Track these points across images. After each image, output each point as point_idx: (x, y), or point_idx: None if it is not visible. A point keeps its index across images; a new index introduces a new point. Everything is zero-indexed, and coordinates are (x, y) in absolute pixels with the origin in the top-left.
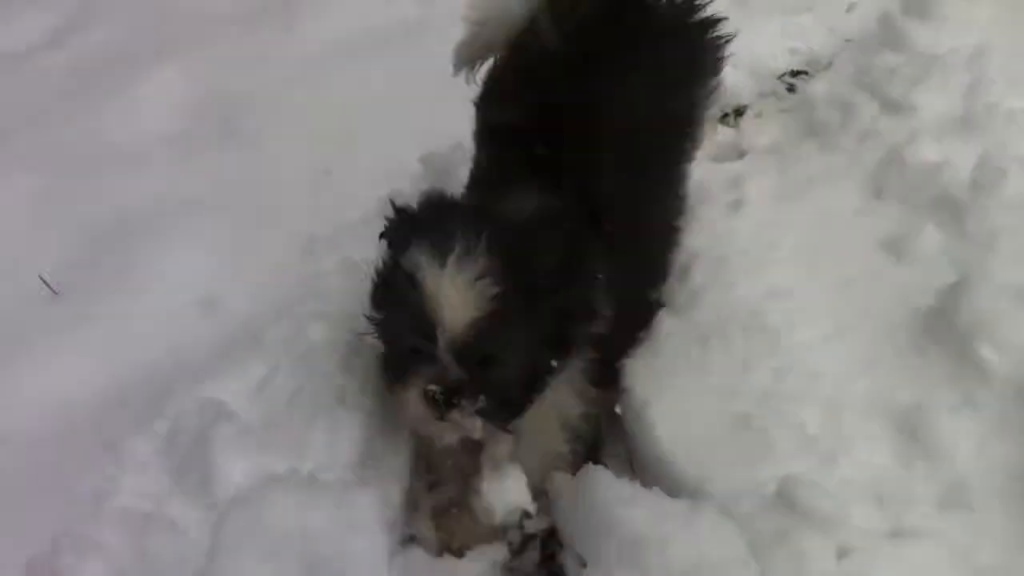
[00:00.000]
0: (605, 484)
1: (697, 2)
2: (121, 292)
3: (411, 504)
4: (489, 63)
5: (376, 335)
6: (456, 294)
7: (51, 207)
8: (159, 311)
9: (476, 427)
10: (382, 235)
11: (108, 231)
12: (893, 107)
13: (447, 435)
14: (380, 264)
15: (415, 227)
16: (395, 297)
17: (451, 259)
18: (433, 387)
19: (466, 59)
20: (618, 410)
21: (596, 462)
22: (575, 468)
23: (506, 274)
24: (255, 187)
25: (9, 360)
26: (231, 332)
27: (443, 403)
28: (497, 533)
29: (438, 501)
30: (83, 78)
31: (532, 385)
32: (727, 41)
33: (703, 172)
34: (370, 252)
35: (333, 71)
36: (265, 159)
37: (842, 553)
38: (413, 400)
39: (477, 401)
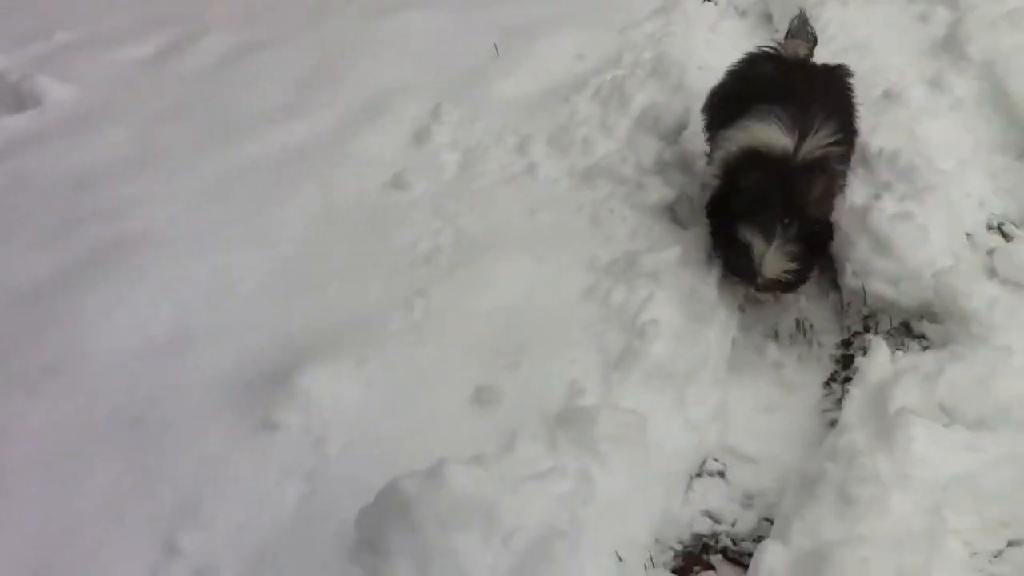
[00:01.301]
0: None
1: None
2: (530, 59)
3: None
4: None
5: (716, 250)
6: (773, 264)
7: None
8: (550, 67)
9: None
10: (718, 202)
11: (510, 32)
12: None
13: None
14: (717, 223)
15: (745, 207)
16: (734, 245)
17: (774, 245)
18: (757, 288)
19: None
20: None
21: None
22: None
23: (800, 251)
24: None
25: (487, 73)
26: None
27: (758, 290)
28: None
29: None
30: None
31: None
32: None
33: None
34: None
35: None
36: None
37: None
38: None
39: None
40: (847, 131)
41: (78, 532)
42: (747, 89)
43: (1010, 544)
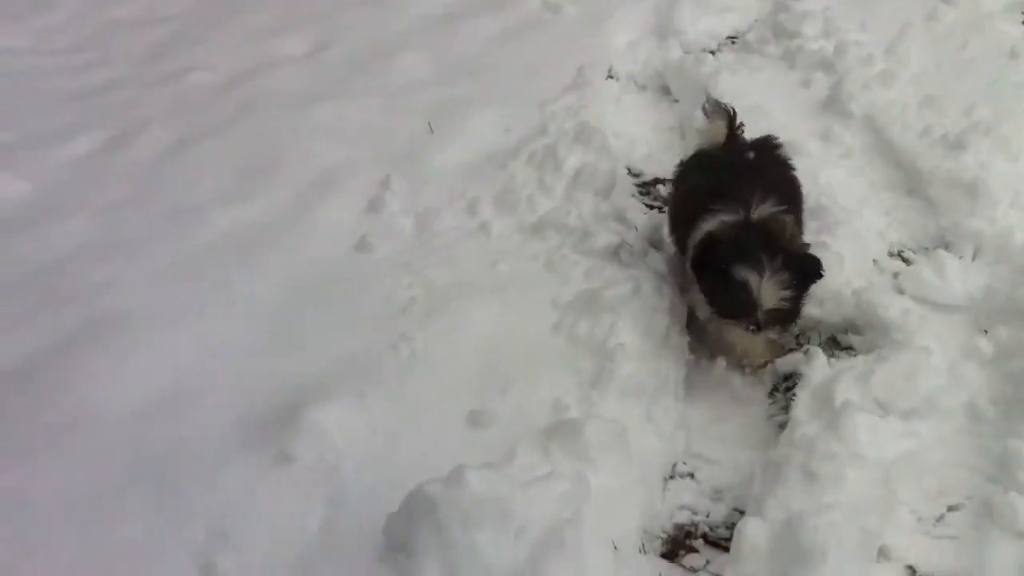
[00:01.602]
0: None
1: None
2: (462, 134)
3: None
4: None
5: (711, 303)
6: (770, 293)
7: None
8: (482, 139)
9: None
10: (706, 258)
11: (437, 112)
12: None
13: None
14: (711, 271)
15: (732, 253)
16: (730, 288)
17: (766, 275)
18: (753, 327)
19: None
20: None
21: None
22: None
23: (791, 279)
24: None
25: (424, 149)
26: None
27: (756, 331)
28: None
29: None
30: None
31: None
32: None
33: None
34: None
35: None
36: None
37: None
38: (739, 329)
39: (772, 331)
40: (791, 202)
41: (118, 564)
42: (692, 199)
43: (949, 509)
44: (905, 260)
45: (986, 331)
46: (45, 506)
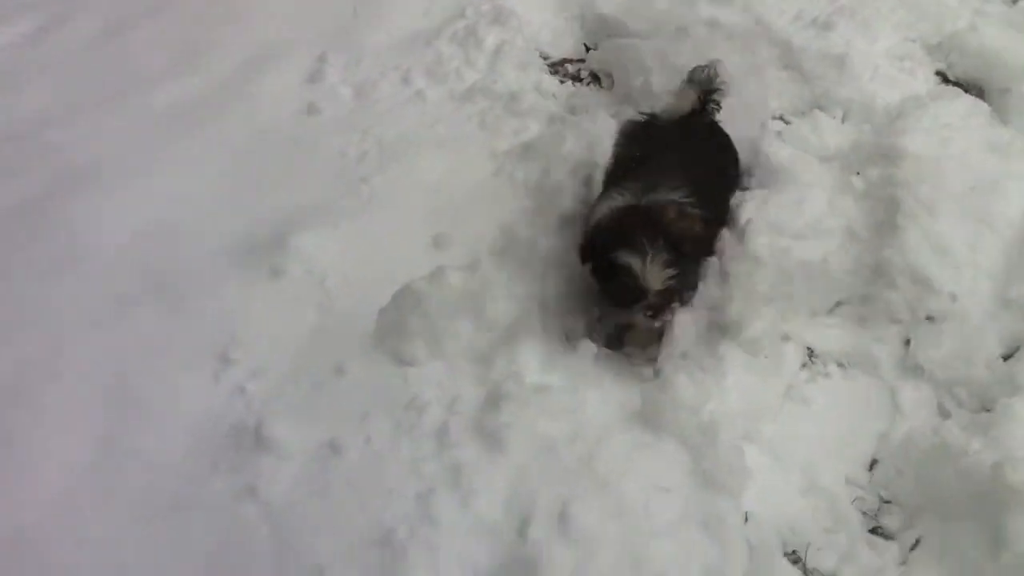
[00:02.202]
0: None
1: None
2: (384, 19)
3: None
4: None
5: (608, 297)
6: (654, 274)
7: None
8: (404, 22)
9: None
10: (592, 246)
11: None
12: None
13: (648, 324)
14: (597, 257)
15: (617, 238)
16: (616, 277)
17: (649, 258)
18: (649, 311)
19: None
20: None
21: None
22: None
23: (673, 261)
24: None
25: (352, 30)
26: None
27: (652, 316)
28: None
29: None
30: None
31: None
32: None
33: None
34: None
35: None
36: None
37: None
38: (637, 315)
39: (665, 314)
40: (706, 189)
41: (143, 354)
42: (615, 169)
43: (838, 304)
44: (785, 122)
45: (858, 172)
46: (69, 312)
